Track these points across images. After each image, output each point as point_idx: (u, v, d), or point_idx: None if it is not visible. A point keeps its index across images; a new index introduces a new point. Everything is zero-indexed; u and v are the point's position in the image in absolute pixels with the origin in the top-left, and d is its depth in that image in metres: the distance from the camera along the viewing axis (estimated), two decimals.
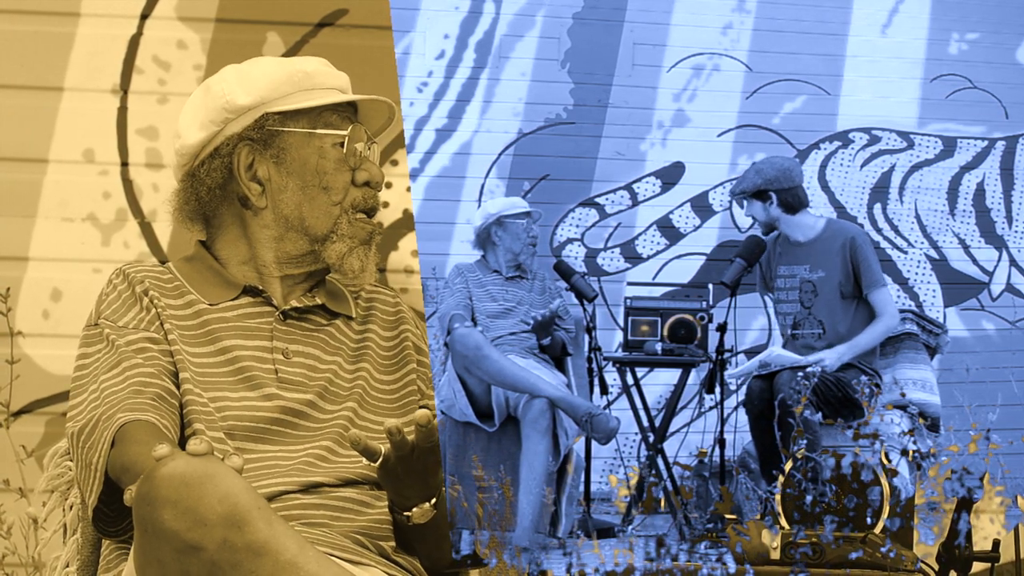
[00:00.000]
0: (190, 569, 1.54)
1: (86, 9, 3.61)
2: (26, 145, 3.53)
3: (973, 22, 5.80)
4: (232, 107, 1.97)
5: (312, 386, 1.95)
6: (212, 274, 2.00)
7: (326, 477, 1.88)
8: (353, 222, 1.99)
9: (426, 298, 4.88)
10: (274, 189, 1.97)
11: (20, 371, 3.37)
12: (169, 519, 1.52)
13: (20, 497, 3.20)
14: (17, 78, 3.56)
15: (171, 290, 1.97)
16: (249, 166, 1.97)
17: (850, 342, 4.45)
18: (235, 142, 1.97)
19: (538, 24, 5.68)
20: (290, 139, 1.97)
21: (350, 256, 1.98)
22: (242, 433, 1.88)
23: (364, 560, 1.81)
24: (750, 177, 4.62)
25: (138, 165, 3.56)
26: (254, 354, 1.94)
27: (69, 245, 3.51)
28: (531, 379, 4.30)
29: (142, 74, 3.60)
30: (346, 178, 1.98)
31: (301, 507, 1.85)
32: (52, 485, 2.07)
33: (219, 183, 1.98)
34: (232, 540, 1.52)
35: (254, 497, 1.55)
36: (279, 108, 1.96)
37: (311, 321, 2.01)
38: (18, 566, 3.16)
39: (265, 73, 1.98)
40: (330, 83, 2.00)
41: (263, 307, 1.99)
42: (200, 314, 1.96)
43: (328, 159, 1.97)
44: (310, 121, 1.98)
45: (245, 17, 3.62)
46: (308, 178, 1.97)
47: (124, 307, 1.94)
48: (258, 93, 1.97)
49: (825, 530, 3.65)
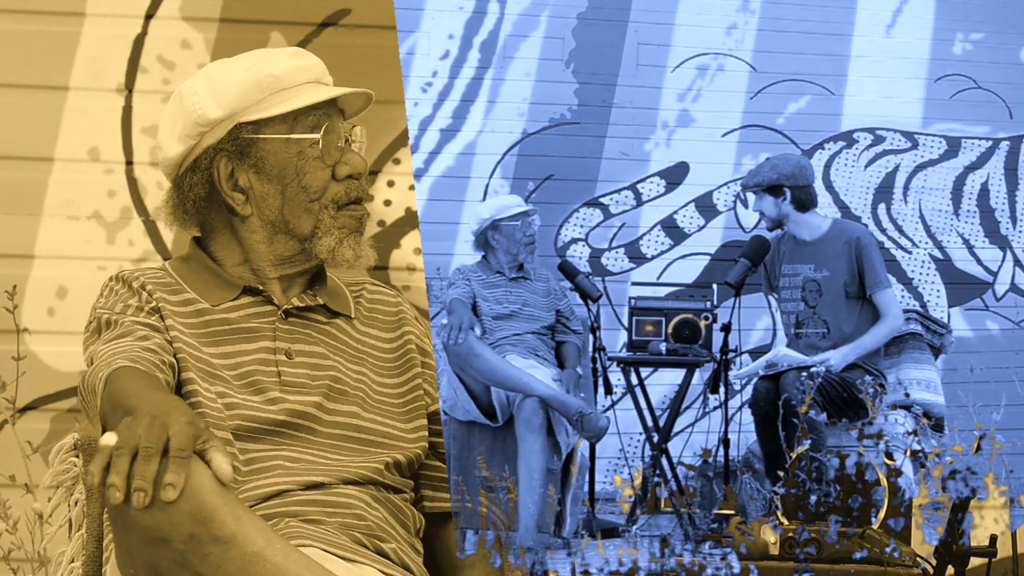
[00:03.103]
0: (159, 560, 1.55)
1: (91, 9, 3.61)
2: (31, 144, 3.53)
3: (977, 22, 5.80)
4: (204, 121, 1.95)
5: (316, 387, 1.94)
6: (211, 275, 1.99)
7: (327, 477, 1.88)
8: (336, 216, 1.97)
9: (430, 298, 4.88)
10: (257, 196, 1.96)
11: (26, 368, 3.38)
12: (135, 512, 1.52)
13: (26, 492, 3.21)
14: (23, 77, 3.56)
15: (171, 291, 1.96)
16: (230, 176, 1.96)
17: (855, 343, 4.45)
18: (212, 155, 1.95)
19: (542, 24, 5.69)
20: (266, 146, 1.95)
21: (340, 248, 1.96)
22: (246, 434, 1.87)
23: (360, 558, 1.80)
24: (764, 171, 4.62)
25: (143, 164, 3.57)
26: (257, 356, 1.93)
27: (74, 243, 3.51)
28: (524, 378, 4.30)
29: (147, 73, 3.61)
30: (325, 175, 1.96)
31: (300, 503, 1.84)
32: (57, 481, 2.06)
33: (203, 195, 1.97)
34: (198, 534, 1.52)
35: (220, 492, 1.55)
36: (250, 117, 1.94)
37: (312, 319, 2.01)
38: (24, 561, 3.17)
39: (234, 83, 1.95)
40: (300, 79, 1.97)
41: (264, 306, 1.98)
42: (202, 313, 1.95)
43: (306, 159, 1.95)
44: (285, 125, 1.96)
45: (249, 17, 3.63)
46: (287, 181, 1.95)
47: (121, 299, 1.94)
48: (228, 105, 1.94)
49: (830, 529, 3.65)
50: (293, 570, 1.59)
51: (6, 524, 3.15)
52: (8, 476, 3.27)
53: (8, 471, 3.28)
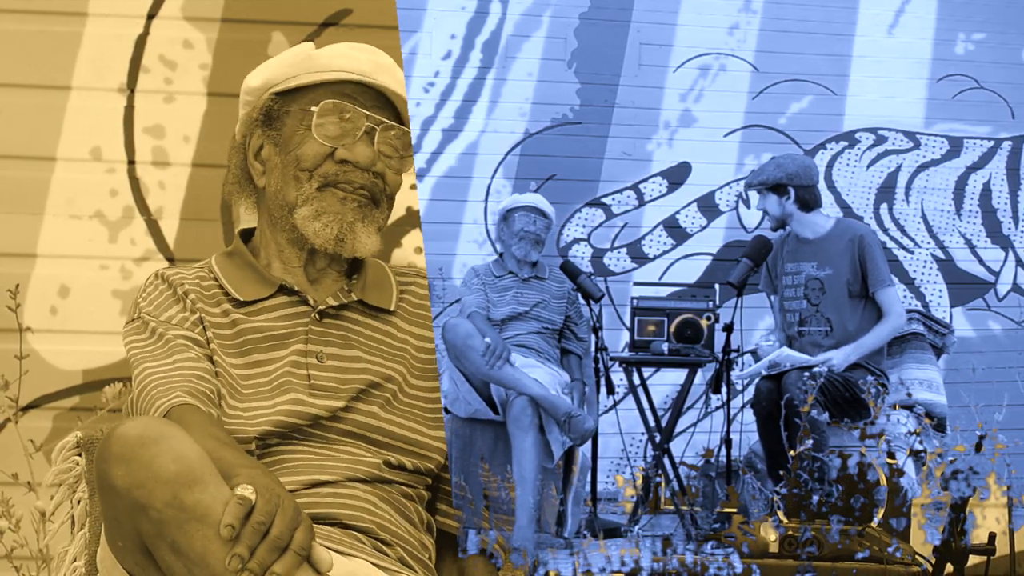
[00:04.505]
0: (141, 528, 1.57)
1: (93, 9, 3.62)
2: (34, 143, 3.54)
3: (979, 22, 5.80)
4: (247, 88, 2.03)
5: (345, 391, 1.93)
6: (250, 270, 2.00)
7: (334, 475, 1.88)
8: (320, 192, 1.97)
9: (433, 298, 4.88)
10: (270, 168, 2.00)
11: (28, 366, 3.39)
12: (119, 476, 1.55)
13: (29, 491, 3.22)
14: (25, 77, 3.57)
15: (210, 298, 1.97)
16: (259, 149, 2.01)
17: (857, 342, 4.44)
18: (250, 124, 2.02)
19: (544, 24, 5.69)
20: (287, 119, 1.99)
21: (315, 222, 1.95)
22: (273, 438, 1.88)
23: (353, 552, 1.81)
24: (769, 170, 4.62)
25: (145, 163, 3.57)
26: (289, 360, 1.93)
27: (76, 242, 3.52)
28: (514, 374, 4.29)
29: (149, 73, 3.61)
30: (322, 150, 1.96)
31: (303, 501, 1.84)
32: (60, 479, 2.07)
33: (243, 166, 2.04)
34: (181, 498, 1.54)
35: (208, 463, 1.57)
36: (280, 88, 2.00)
37: (348, 318, 2.00)
38: (27, 559, 3.18)
39: (280, 57, 2.03)
40: (337, 65, 1.99)
41: (299, 307, 1.98)
42: (236, 323, 1.95)
43: (311, 133, 1.97)
44: (308, 102, 1.98)
45: (250, 17, 3.64)
46: (289, 154, 1.98)
47: (166, 304, 1.95)
48: (264, 75, 2.01)
49: (832, 529, 3.65)
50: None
51: (9, 522, 3.15)
52: (11, 474, 3.28)
53: (11, 469, 3.28)
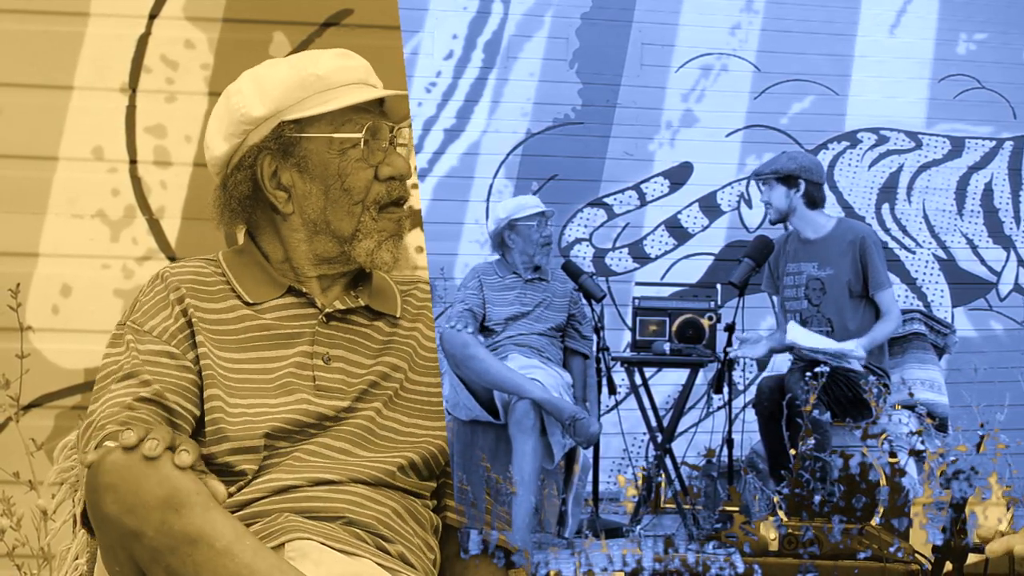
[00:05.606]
0: (135, 554, 1.58)
1: (95, 9, 3.62)
2: (36, 143, 3.53)
3: (981, 22, 5.80)
4: (248, 119, 1.96)
5: (350, 392, 1.93)
6: (259, 270, 1.99)
7: (337, 475, 1.88)
8: (377, 218, 1.96)
9: (434, 298, 4.88)
10: (299, 195, 1.96)
11: (30, 365, 3.38)
12: (109, 504, 1.57)
13: (30, 489, 3.21)
14: (27, 77, 3.57)
15: (214, 293, 1.96)
16: (273, 174, 1.96)
17: (869, 334, 4.45)
18: (256, 153, 1.96)
19: (546, 24, 5.70)
20: (310, 145, 1.95)
21: (379, 251, 1.96)
22: (279, 437, 1.88)
23: (357, 551, 1.81)
24: (782, 161, 4.62)
25: (146, 163, 3.57)
26: (294, 360, 1.93)
27: (78, 241, 3.51)
28: (517, 379, 4.28)
29: (150, 73, 3.61)
30: (367, 176, 1.95)
31: (306, 499, 1.84)
32: (61, 478, 2.07)
33: (248, 193, 1.97)
34: (170, 522, 1.56)
35: (194, 483, 1.58)
36: (294, 116, 1.95)
37: (354, 322, 2.00)
38: (29, 557, 3.17)
39: (278, 81, 1.96)
40: (345, 79, 1.97)
41: (306, 308, 1.98)
42: (243, 319, 1.95)
43: (348, 160, 1.94)
44: (328, 124, 1.95)
45: (252, 17, 3.63)
46: (330, 181, 1.95)
47: (154, 310, 1.93)
48: (272, 103, 1.95)
49: (834, 529, 3.65)
50: (262, 568, 1.61)
51: (11, 521, 3.15)
52: (12, 473, 3.27)
53: (12, 468, 3.28)
